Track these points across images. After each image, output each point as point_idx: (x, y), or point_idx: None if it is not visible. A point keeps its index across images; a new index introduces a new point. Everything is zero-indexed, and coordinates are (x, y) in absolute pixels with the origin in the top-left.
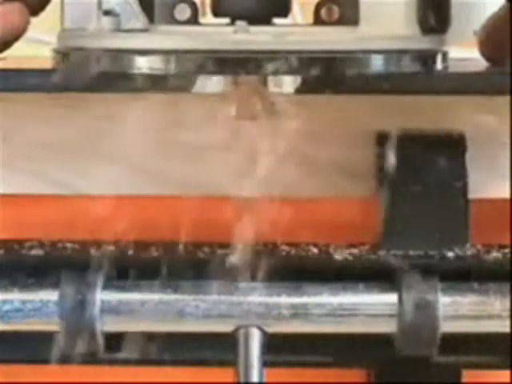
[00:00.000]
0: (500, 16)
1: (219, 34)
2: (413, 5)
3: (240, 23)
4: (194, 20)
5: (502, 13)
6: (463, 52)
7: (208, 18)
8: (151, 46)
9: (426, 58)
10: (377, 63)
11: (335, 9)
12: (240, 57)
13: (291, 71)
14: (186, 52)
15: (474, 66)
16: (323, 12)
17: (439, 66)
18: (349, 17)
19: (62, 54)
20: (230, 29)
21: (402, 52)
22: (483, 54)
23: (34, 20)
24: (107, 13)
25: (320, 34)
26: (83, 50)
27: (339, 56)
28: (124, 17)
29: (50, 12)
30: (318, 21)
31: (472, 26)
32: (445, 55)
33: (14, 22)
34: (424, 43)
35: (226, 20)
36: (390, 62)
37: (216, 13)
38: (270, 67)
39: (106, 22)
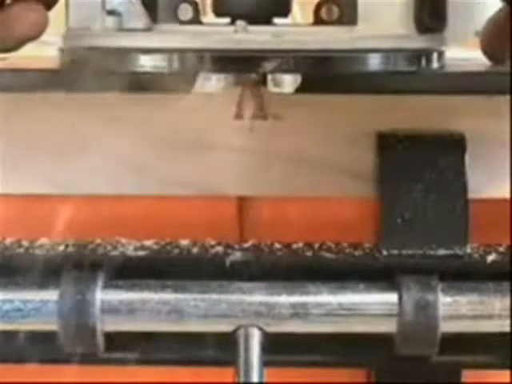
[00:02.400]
0: (500, 17)
1: (219, 33)
2: (410, 5)
3: (240, 23)
4: (196, 20)
5: (503, 14)
6: (464, 52)
7: (209, 17)
8: (153, 44)
9: (421, 57)
10: (372, 62)
11: (335, 9)
12: (239, 56)
13: (290, 70)
14: (186, 51)
15: (473, 65)
16: (323, 12)
17: (435, 65)
18: (348, 17)
19: (68, 53)
20: (231, 28)
21: (397, 51)
22: (486, 53)
23: None
24: (110, 12)
25: (318, 33)
26: (89, 48)
27: (336, 55)
28: (126, 16)
29: (50, 12)
30: (317, 21)
31: (473, 26)
32: (441, 54)
33: (37, 21)
34: (420, 42)
35: (228, 20)
36: (385, 61)
37: (217, 12)
38: (268, 66)
39: (110, 21)
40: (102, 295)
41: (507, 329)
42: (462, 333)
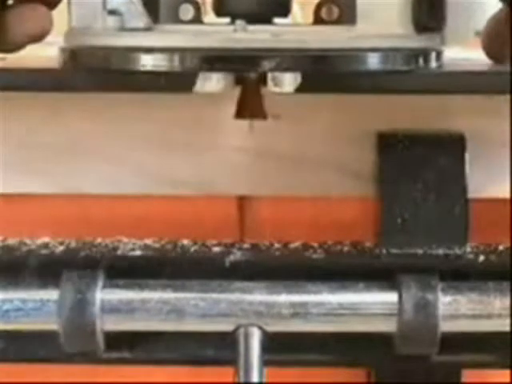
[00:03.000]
0: (501, 17)
1: (219, 32)
2: (409, 5)
3: (239, 22)
4: (197, 19)
5: (504, 13)
6: (464, 52)
7: (210, 16)
8: (152, 44)
9: (419, 57)
10: (371, 61)
11: (335, 9)
12: (239, 55)
13: (289, 68)
14: (186, 50)
15: (473, 65)
16: (323, 12)
17: (433, 64)
18: (347, 16)
19: (69, 52)
20: (230, 28)
21: (395, 50)
22: (487, 53)
23: None
24: (111, 12)
25: (317, 32)
26: (91, 48)
27: (335, 54)
28: (127, 16)
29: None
30: (317, 20)
31: (474, 26)
32: (439, 54)
33: (41, 21)
34: (418, 42)
35: (228, 19)
36: (384, 61)
37: (217, 12)
38: (268, 65)
39: (111, 21)
40: (101, 295)
41: (507, 328)
42: (462, 332)
